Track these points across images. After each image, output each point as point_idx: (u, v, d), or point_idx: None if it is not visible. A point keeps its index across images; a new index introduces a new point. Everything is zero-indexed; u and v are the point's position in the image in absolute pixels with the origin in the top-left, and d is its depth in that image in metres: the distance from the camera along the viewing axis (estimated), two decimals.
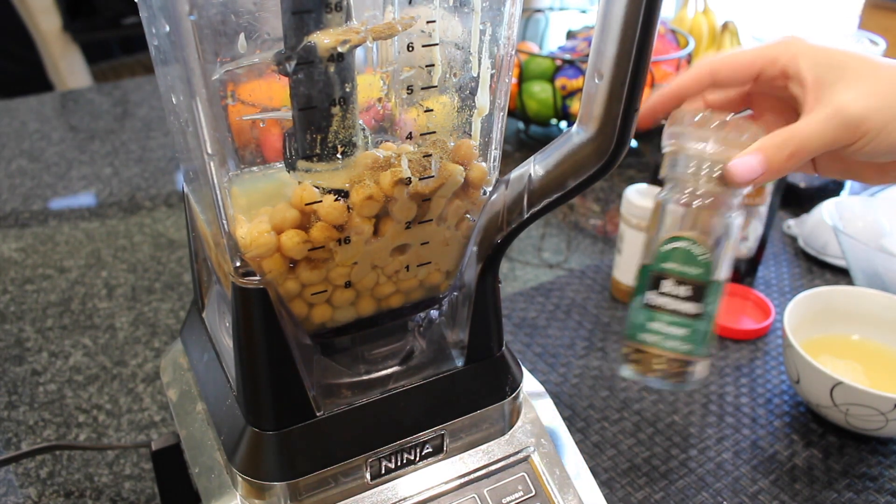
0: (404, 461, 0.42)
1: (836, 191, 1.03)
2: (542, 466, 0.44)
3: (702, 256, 0.42)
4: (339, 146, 0.37)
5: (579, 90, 1.11)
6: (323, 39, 0.33)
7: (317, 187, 0.36)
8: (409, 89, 0.37)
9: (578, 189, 0.37)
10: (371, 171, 0.36)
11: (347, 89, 0.35)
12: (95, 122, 1.27)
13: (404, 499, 0.42)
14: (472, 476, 0.43)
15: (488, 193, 0.40)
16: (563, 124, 1.19)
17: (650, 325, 0.43)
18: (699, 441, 0.65)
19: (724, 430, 0.66)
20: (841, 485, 0.61)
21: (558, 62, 1.14)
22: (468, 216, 0.41)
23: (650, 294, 0.43)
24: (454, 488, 0.43)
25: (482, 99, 0.39)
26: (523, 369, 0.47)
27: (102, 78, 2.03)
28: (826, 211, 0.84)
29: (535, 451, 0.45)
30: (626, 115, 0.34)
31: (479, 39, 0.37)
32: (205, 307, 0.48)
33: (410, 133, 0.38)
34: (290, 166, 0.37)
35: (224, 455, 0.41)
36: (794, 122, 0.42)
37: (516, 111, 1.17)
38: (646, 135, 1.18)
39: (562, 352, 0.75)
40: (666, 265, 0.43)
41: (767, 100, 0.48)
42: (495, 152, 0.41)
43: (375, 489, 0.42)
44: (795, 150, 0.41)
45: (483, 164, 0.40)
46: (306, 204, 0.36)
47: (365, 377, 0.43)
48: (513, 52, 0.39)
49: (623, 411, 0.68)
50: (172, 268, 0.88)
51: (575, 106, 1.12)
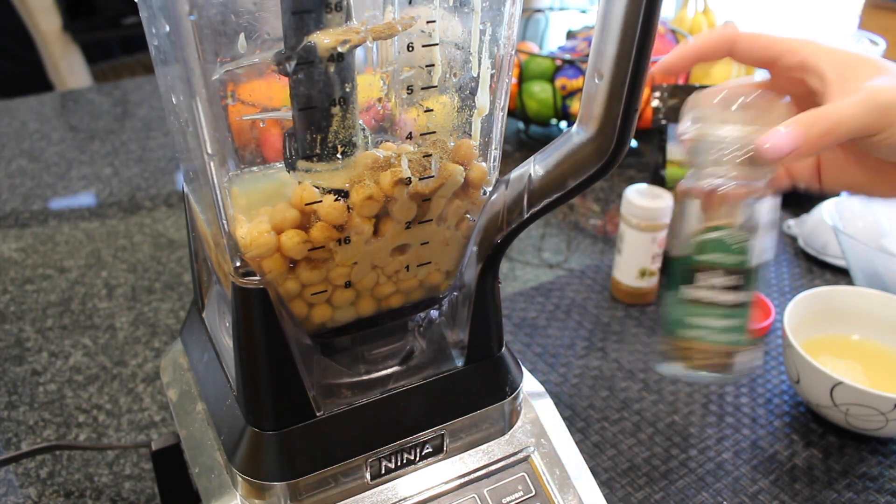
0: (404, 461, 0.42)
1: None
2: (542, 466, 0.44)
3: (738, 244, 0.40)
4: (339, 146, 0.37)
5: (579, 90, 1.11)
6: (323, 39, 0.33)
7: (317, 187, 0.36)
8: (409, 89, 0.37)
9: (578, 189, 0.37)
10: (371, 171, 0.36)
11: (347, 89, 0.35)
12: (95, 122, 1.27)
13: (404, 499, 0.42)
14: (472, 476, 0.43)
15: (488, 193, 0.40)
16: (563, 124, 1.19)
17: (690, 319, 0.41)
18: (699, 441, 0.65)
19: (724, 430, 0.66)
20: (841, 485, 0.61)
21: (558, 62, 1.14)
22: (468, 216, 0.41)
23: (686, 288, 0.41)
24: (454, 488, 0.43)
25: (482, 99, 0.39)
26: (523, 369, 0.47)
27: (102, 78, 2.03)
28: (826, 211, 0.84)
29: (535, 451, 0.45)
30: (626, 115, 0.34)
31: (479, 39, 0.37)
32: (205, 307, 0.48)
33: (410, 133, 0.38)
34: (290, 166, 0.37)
35: (224, 455, 0.41)
36: None
37: (516, 111, 1.17)
38: (646, 135, 1.18)
39: (562, 352, 0.75)
40: (701, 257, 0.41)
41: (782, 91, 0.47)
42: (495, 152, 0.41)
43: (375, 489, 0.42)
44: (830, 127, 0.40)
45: (483, 164, 0.40)
46: (306, 204, 0.36)
47: (365, 377, 0.43)
48: (513, 52, 0.39)
49: (623, 411, 0.68)
50: (172, 268, 0.88)
51: (575, 106, 1.12)
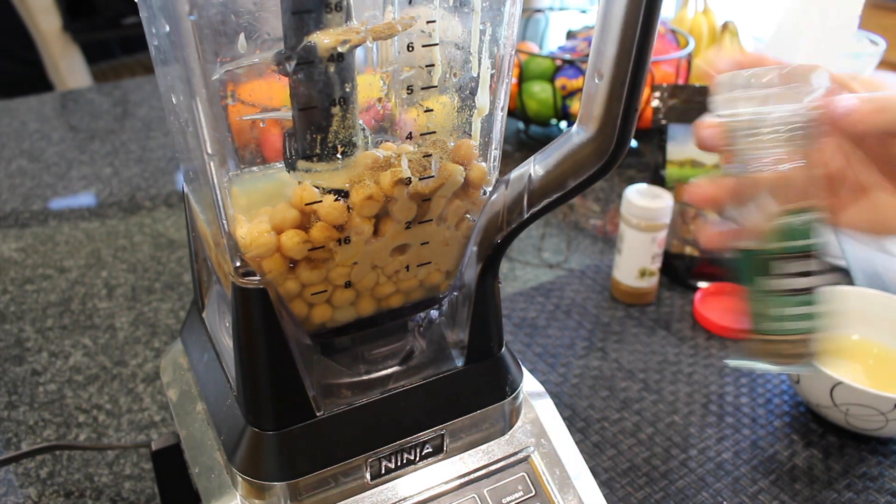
0: (404, 461, 0.42)
1: None
2: (542, 466, 0.44)
3: (808, 224, 0.38)
4: (339, 146, 0.37)
5: (579, 90, 1.11)
6: (323, 39, 0.33)
7: (317, 187, 0.36)
8: (409, 89, 0.37)
9: (578, 189, 0.37)
10: (371, 171, 0.36)
11: (347, 89, 0.35)
12: (95, 122, 1.27)
13: (404, 499, 0.42)
14: (472, 476, 0.43)
15: (488, 193, 0.40)
16: (563, 124, 1.19)
17: (773, 311, 0.39)
18: (699, 441, 0.65)
19: (724, 430, 0.66)
20: (841, 485, 0.61)
21: (558, 62, 1.14)
22: (468, 216, 0.41)
23: (764, 279, 0.39)
24: (454, 488, 0.43)
25: (482, 99, 0.39)
26: (523, 369, 0.47)
27: (102, 78, 2.03)
28: None
29: (535, 451, 0.45)
30: (626, 115, 0.34)
31: (479, 39, 0.37)
32: (205, 307, 0.48)
33: (410, 133, 0.38)
34: (290, 166, 0.37)
35: (224, 455, 0.41)
36: None
37: (516, 111, 1.17)
38: (646, 135, 1.18)
39: (562, 352, 0.75)
40: (777, 244, 0.38)
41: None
42: (495, 152, 0.41)
43: (375, 489, 0.42)
44: (884, 105, 0.38)
45: (483, 164, 0.40)
46: (306, 204, 0.36)
47: (365, 377, 0.43)
48: (513, 52, 0.39)
49: (623, 411, 0.68)
50: (172, 268, 0.88)
51: (575, 106, 1.12)
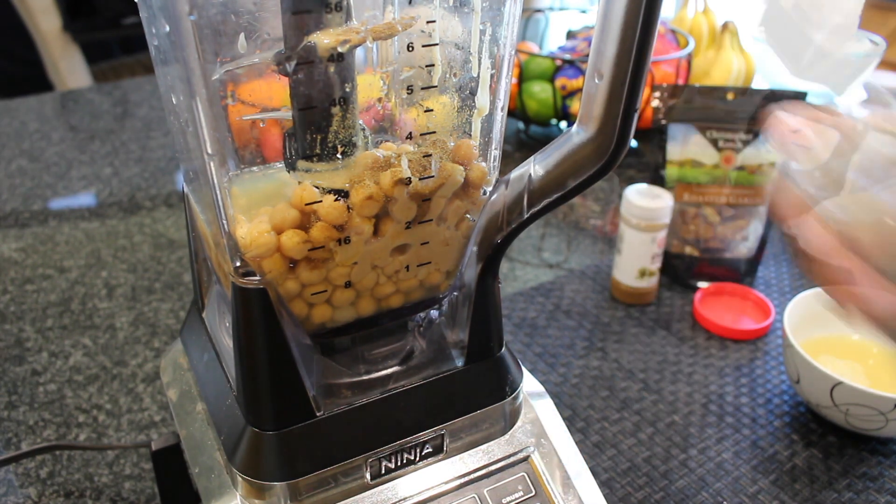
0: (404, 461, 0.42)
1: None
2: (542, 466, 0.44)
3: None
4: (339, 146, 0.37)
5: (579, 90, 1.11)
6: (323, 39, 0.33)
7: (317, 187, 0.36)
8: (409, 89, 0.37)
9: (578, 189, 0.37)
10: (371, 171, 0.36)
11: (347, 89, 0.35)
12: (95, 122, 1.27)
13: (404, 499, 0.42)
14: (472, 476, 0.43)
15: (488, 193, 0.40)
16: (563, 124, 1.19)
17: None
18: (699, 441, 0.65)
19: (724, 430, 0.66)
20: (841, 485, 0.61)
21: (558, 62, 1.14)
22: (468, 216, 0.41)
23: None
24: (454, 488, 0.43)
25: (482, 99, 0.39)
26: (523, 369, 0.47)
27: (102, 78, 2.03)
28: None
29: (535, 451, 0.45)
30: (626, 115, 0.34)
31: (479, 39, 0.37)
32: (205, 307, 0.48)
33: (410, 133, 0.38)
34: (290, 166, 0.37)
35: (224, 455, 0.41)
36: None
37: (516, 111, 1.17)
38: (646, 135, 1.18)
39: (562, 352, 0.75)
40: None
41: None
42: (495, 152, 0.41)
43: (375, 489, 0.42)
44: None
45: (483, 164, 0.40)
46: (306, 204, 0.36)
47: (365, 377, 0.43)
48: (513, 52, 0.39)
49: (623, 411, 0.68)
50: (172, 268, 0.88)
51: (575, 106, 1.12)
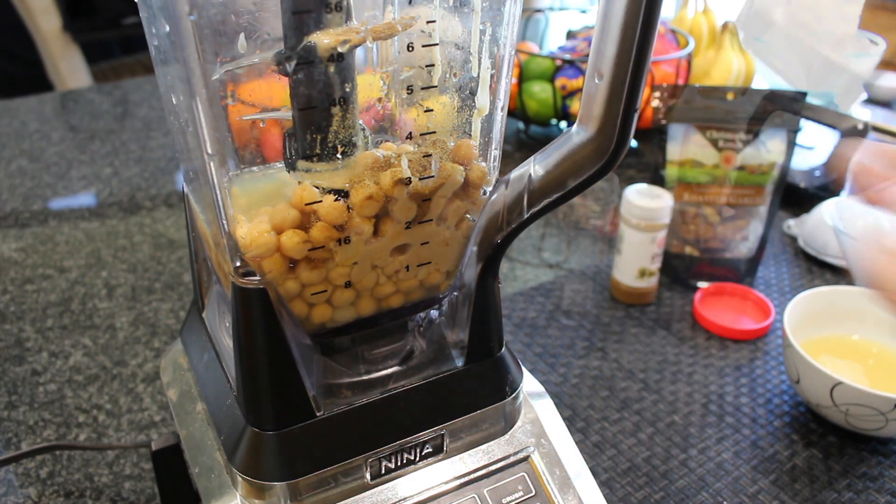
0: (404, 461, 0.42)
1: (836, 191, 1.03)
2: (542, 466, 0.44)
3: None
4: (339, 146, 0.37)
5: (579, 90, 1.11)
6: (323, 39, 0.33)
7: (317, 187, 0.36)
8: (409, 89, 0.37)
9: (578, 189, 0.37)
10: (371, 171, 0.36)
11: (347, 89, 0.35)
12: (95, 122, 1.27)
13: (404, 499, 0.42)
14: (472, 476, 0.43)
15: (488, 193, 0.40)
16: (563, 124, 1.19)
17: None
18: (699, 441, 0.65)
19: (724, 430, 0.66)
20: (841, 485, 0.61)
21: (558, 62, 1.14)
22: (468, 216, 0.41)
23: None
24: (454, 488, 0.43)
25: (482, 99, 0.39)
26: (523, 369, 0.47)
27: (102, 78, 2.03)
28: (826, 211, 0.84)
29: (535, 451, 0.45)
30: (626, 115, 0.34)
31: (479, 39, 0.37)
32: (205, 307, 0.48)
33: (410, 133, 0.38)
34: (290, 166, 0.37)
35: (224, 455, 0.41)
36: None
37: (516, 111, 1.17)
38: (646, 135, 1.18)
39: (562, 352, 0.75)
40: None
41: None
42: (495, 152, 0.41)
43: (375, 489, 0.42)
44: None
45: (483, 164, 0.40)
46: (306, 204, 0.36)
47: (365, 377, 0.43)
48: (513, 52, 0.39)
49: (623, 411, 0.68)
50: (172, 268, 0.88)
51: (575, 106, 1.12)
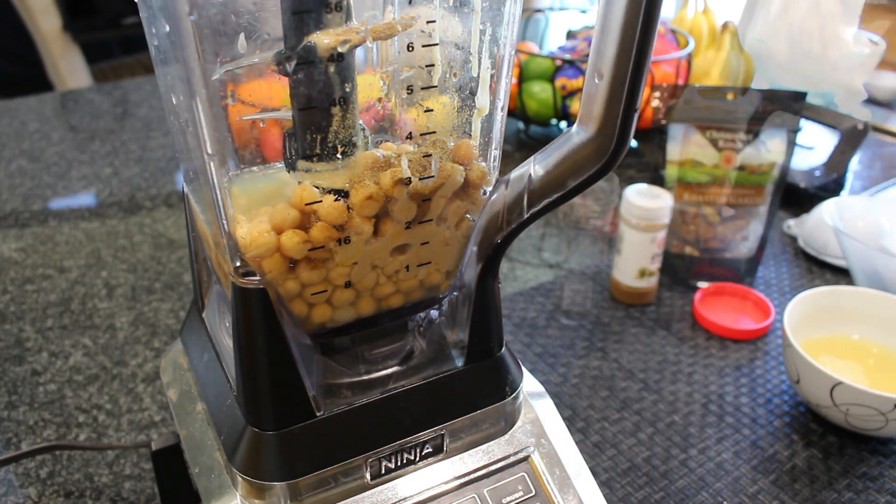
0: (404, 461, 0.42)
1: (837, 191, 1.03)
2: (542, 466, 0.44)
3: None
4: (339, 146, 0.37)
5: (579, 90, 1.11)
6: (323, 39, 0.33)
7: (317, 187, 0.36)
8: (409, 89, 0.37)
9: (578, 189, 0.37)
10: (371, 171, 0.36)
11: (347, 89, 0.35)
12: (95, 122, 1.27)
13: (404, 499, 0.42)
14: (472, 476, 0.43)
15: (488, 193, 0.40)
16: (563, 124, 1.19)
17: None
18: (699, 441, 0.65)
19: (724, 430, 0.66)
20: (841, 485, 0.61)
21: (558, 62, 1.14)
22: (468, 216, 0.41)
23: None
24: (454, 488, 0.43)
25: (482, 99, 0.39)
26: (523, 369, 0.47)
27: (102, 78, 2.03)
28: (826, 211, 0.84)
29: (535, 451, 0.45)
30: (626, 115, 0.34)
31: (479, 39, 0.37)
32: (205, 307, 0.48)
33: (410, 133, 0.38)
34: (290, 166, 0.37)
35: (224, 455, 0.41)
36: None
37: (516, 111, 1.17)
38: (646, 135, 1.18)
39: (562, 352, 0.75)
40: None
41: None
42: (495, 152, 0.41)
43: (375, 489, 0.42)
44: None
45: (483, 164, 0.40)
46: (306, 204, 0.36)
47: (365, 377, 0.43)
48: (513, 52, 0.39)
49: (623, 411, 0.68)
50: (172, 268, 0.88)
51: (575, 106, 1.12)
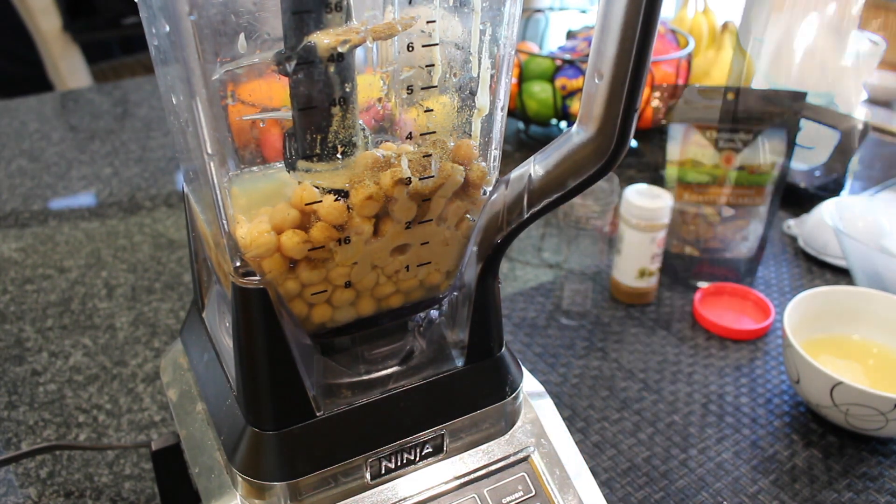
0: (404, 461, 0.42)
1: (836, 191, 1.03)
2: (542, 466, 0.44)
3: None
4: (339, 146, 0.37)
5: (579, 90, 1.11)
6: (323, 39, 0.33)
7: (317, 187, 0.36)
8: (409, 89, 0.37)
9: (578, 189, 0.37)
10: (371, 171, 0.36)
11: (347, 89, 0.35)
12: (95, 122, 1.27)
13: (404, 499, 0.42)
14: (472, 476, 0.43)
15: (488, 193, 0.40)
16: (563, 124, 1.19)
17: None
18: (699, 441, 0.65)
19: (724, 430, 0.66)
20: (841, 485, 0.61)
21: (558, 62, 1.14)
22: (468, 216, 0.41)
23: None
24: (454, 488, 0.43)
25: (482, 99, 0.39)
26: (523, 369, 0.47)
27: (102, 78, 2.03)
28: (826, 211, 0.84)
29: (535, 451, 0.45)
30: (626, 115, 0.34)
31: (479, 39, 0.37)
32: (205, 307, 0.48)
33: (410, 133, 0.38)
34: (290, 166, 0.37)
35: (224, 455, 0.41)
36: None
37: (516, 111, 1.17)
38: (646, 135, 1.18)
39: (562, 352, 0.75)
40: None
41: None
42: (495, 152, 0.41)
43: (375, 489, 0.42)
44: None
45: (483, 164, 0.40)
46: (306, 204, 0.36)
47: (365, 377, 0.43)
48: (513, 52, 0.39)
49: (623, 411, 0.68)
50: (172, 268, 0.88)
51: (575, 106, 1.12)
